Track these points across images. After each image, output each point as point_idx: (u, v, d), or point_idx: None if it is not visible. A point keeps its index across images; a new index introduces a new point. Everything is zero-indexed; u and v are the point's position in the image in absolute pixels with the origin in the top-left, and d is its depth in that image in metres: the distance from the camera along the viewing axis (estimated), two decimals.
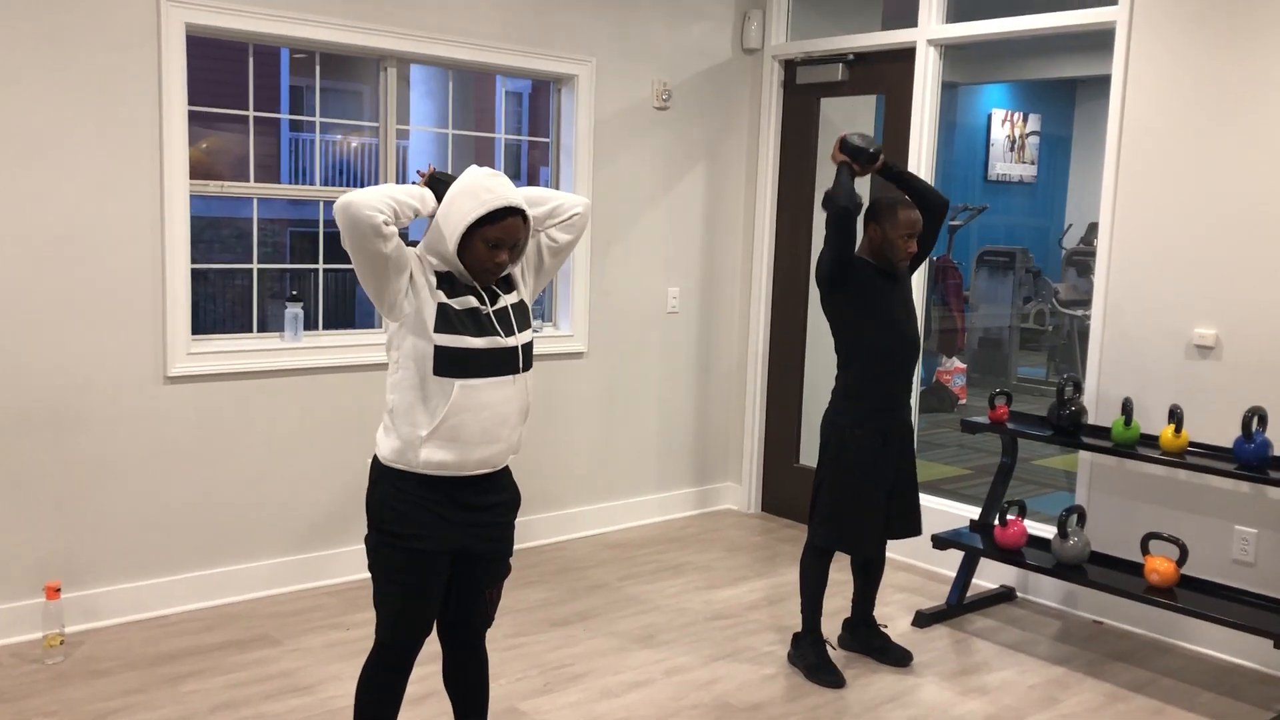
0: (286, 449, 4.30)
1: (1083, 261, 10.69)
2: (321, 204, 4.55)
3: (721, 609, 4.34)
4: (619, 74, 5.09)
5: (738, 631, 4.11)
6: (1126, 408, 3.93)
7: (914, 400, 4.68)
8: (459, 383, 2.46)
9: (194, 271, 4.06)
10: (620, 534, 5.28)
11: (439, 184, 2.56)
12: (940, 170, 5.00)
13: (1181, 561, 3.68)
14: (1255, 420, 3.62)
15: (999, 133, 11.93)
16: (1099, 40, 4.36)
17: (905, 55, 4.95)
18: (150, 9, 3.82)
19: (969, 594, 4.43)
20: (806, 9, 5.52)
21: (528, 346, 2.60)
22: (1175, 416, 3.79)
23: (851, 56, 5.23)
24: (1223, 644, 3.98)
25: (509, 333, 2.54)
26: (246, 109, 4.35)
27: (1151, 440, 3.95)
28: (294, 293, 4.32)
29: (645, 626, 4.12)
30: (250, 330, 4.39)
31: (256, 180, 4.41)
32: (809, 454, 5.66)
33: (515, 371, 2.55)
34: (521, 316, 2.60)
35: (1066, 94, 13.19)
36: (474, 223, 2.43)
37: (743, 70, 5.56)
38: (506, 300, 2.57)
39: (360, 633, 3.90)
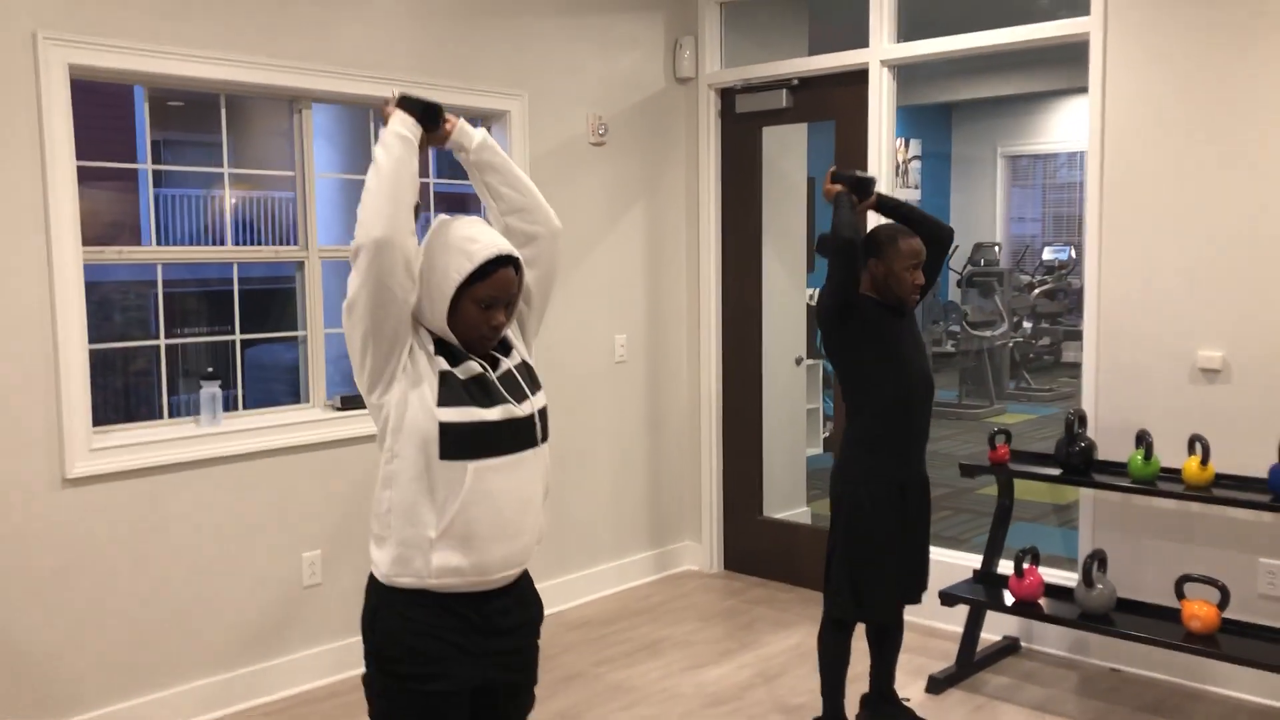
0: (211, 550, 3.69)
1: (984, 282, 10.71)
2: (235, 266, 3.99)
3: (716, 692, 3.90)
4: (552, 108, 4.66)
5: (743, 718, 3.68)
6: (1144, 440, 3.67)
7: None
8: (471, 465, 2.01)
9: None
10: (581, 610, 4.80)
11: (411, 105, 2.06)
12: None
13: (1223, 605, 3.41)
14: None
15: None
16: (972, 65, 4.15)
17: (856, 78, 4.67)
18: (25, 47, 3.23)
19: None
20: (738, 36, 5.21)
21: (544, 412, 2.16)
22: (1201, 447, 3.55)
23: (795, 82, 4.93)
24: (1256, 686, 3.74)
25: (521, 398, 2.10)
26: (114, 162, 3.76)
27: (1172, 474, 3.70)
28: (210, 369, 3.74)
29: None
30: (159, 416, 3.78)
31: (128, 243, 3.82)
32: (774, 503, 5.30)
33: (534, 444, 2.11)
34: (530, 379, 2.17)
35: (944, 118, 13.38)
36: (463, 282, 2.00)
37: (677, 100, 5.20)
38: (508, 363, 2.14)
39: None
